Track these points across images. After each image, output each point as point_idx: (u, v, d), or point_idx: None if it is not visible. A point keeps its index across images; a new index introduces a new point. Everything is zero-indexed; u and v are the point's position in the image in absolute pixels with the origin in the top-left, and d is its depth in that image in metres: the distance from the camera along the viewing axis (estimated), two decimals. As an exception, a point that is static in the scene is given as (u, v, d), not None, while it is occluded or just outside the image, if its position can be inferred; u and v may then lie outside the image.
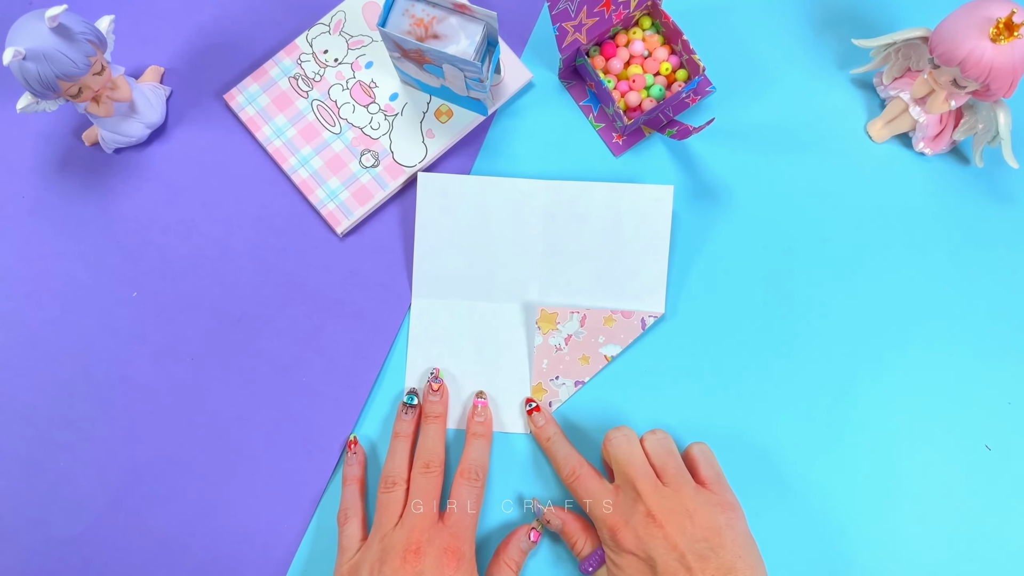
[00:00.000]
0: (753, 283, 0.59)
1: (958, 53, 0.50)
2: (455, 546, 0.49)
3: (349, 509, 0.54)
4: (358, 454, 0.56)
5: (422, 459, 0.53)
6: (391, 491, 0.52)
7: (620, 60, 0.61)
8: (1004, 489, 0.56)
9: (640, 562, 0.47)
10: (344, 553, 0.52)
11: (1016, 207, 0.61)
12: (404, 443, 0.54)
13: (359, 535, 0.53)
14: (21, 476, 0.57)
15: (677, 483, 0.49)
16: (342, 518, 0.53)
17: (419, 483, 0.52)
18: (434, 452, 0.53)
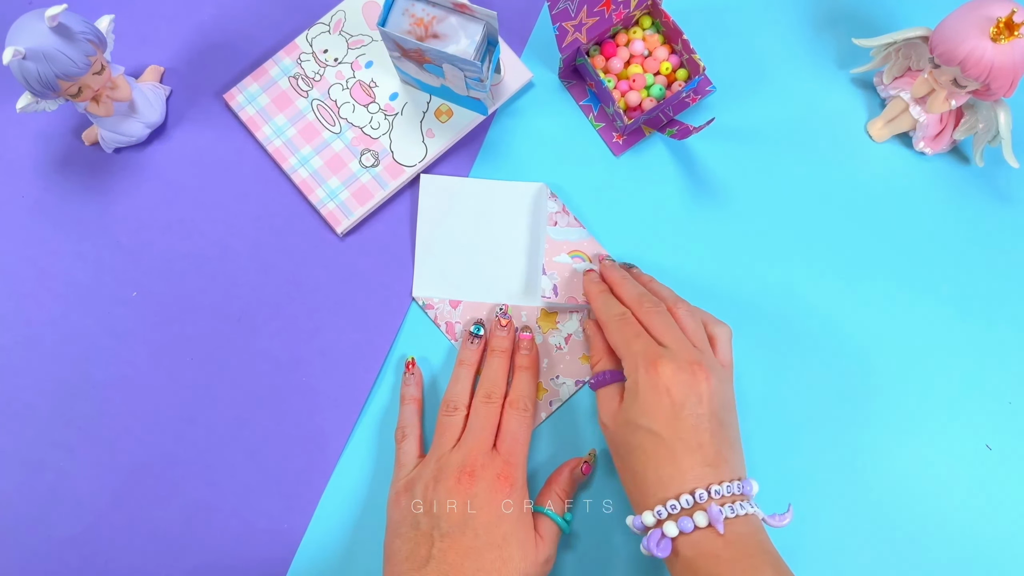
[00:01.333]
0: (753, 283, 0.59)
1: (958, 52, 0.50)
2: (508, 472, 0.50)
3: (407, 427, 0.55)
4: (415, 375, 0.57)
5: (484, 388, 0.54)
6: (452, 415, 0.53)
7: (620, 59, 0.61)
8: (1004, 489, 0.56)
9: (669, 402, 0.47)
10: (401, 468, 0.53)
11: (1016, 207, 0.60)
12: (468, 371, 0.56)
13: (416, 452, 0.54)
14: (21, 476, 0.57)
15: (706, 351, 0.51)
16: (399, 435, 0.55)
17: (480, 411, 0.53)
18: (496, 383, 0.54)
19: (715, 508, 0.44)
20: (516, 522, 0.49)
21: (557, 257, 0.58)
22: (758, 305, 0.59)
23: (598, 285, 0.56)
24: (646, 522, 0.46)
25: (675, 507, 0.45)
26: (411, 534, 0.49)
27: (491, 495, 0.49)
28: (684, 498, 0.45)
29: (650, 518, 0.46)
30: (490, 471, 0.50)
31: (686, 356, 0.48)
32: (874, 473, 0.56)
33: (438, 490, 0.49)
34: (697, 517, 0.44)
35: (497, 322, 0.57)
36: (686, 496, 0.45)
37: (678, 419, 0.47)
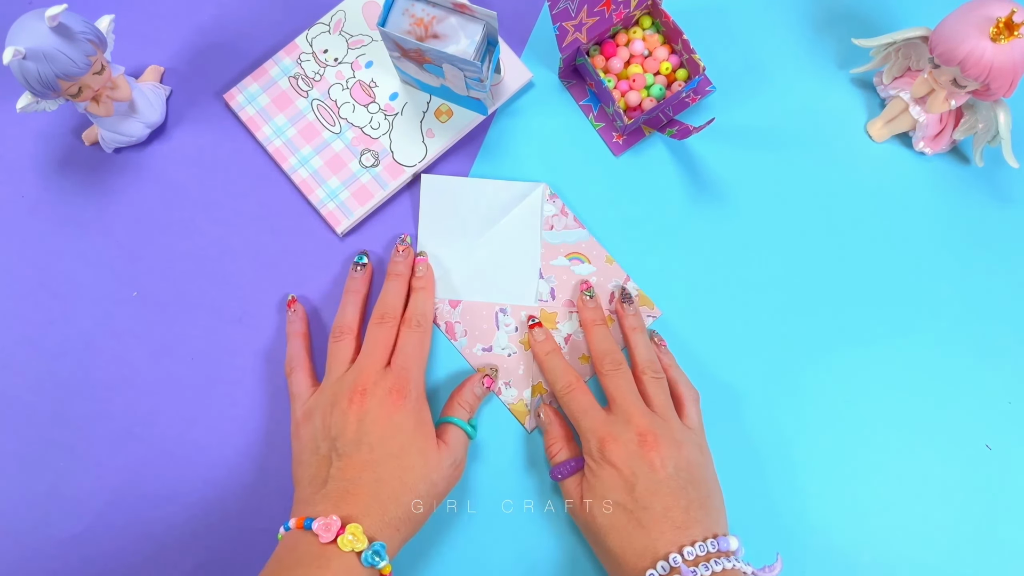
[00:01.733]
0: (753, 282, 0.59)
1: (958, 52, 0.50)
2: (399, 386, 0.51)
3: (294, 359, 0.56)
4: (297, 311, 0.58)
5: (378, 310, 0.55)
6: (340, 340, 0.55)
7: (620, 59, 0.61)
8: (1005, 488, 0.56)
9: (621, 478, 0.49)
10: (296, 400, 0.54)
11: (1016, 207, 0.61)
12: (354, 298, 0.57)
13: (308, 383, 0.55)
14: (21, 476, 0.57)
15: (666, 414, 0.52)
16: (288, 369, 0.56)
17: (372, 332, 0.54)
18: (391, 305, 0.55)
19: (686, 570, 0.45)
20: (413, 432, 0.50)
21: (554, 261, 0.58)
22: (758, 304, 0.59)
23: (546, 345, 0.56)
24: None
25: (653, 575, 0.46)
26: (312, 459, 0.50)
27: (384, 410, 0.50)
28: (660, 565, 0.46)
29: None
30: (381, 387, 0.51)
31: (635, 428, 0.50)
32: (874, 473, 0.56)
33: (334, 413, 0.50)
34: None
35: (396, 249, 0.58)
36: (661, 563, 0.46)
37: (635, 492, 0.48)
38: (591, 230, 0.60)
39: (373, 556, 0.45)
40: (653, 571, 0.46)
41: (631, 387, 0.52)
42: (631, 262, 0.60)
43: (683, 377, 0.55)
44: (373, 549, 0.45)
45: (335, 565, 0.45)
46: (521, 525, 0.55)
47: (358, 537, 0.45)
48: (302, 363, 0.56)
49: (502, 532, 0.55)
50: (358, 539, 0.45)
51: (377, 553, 0.45)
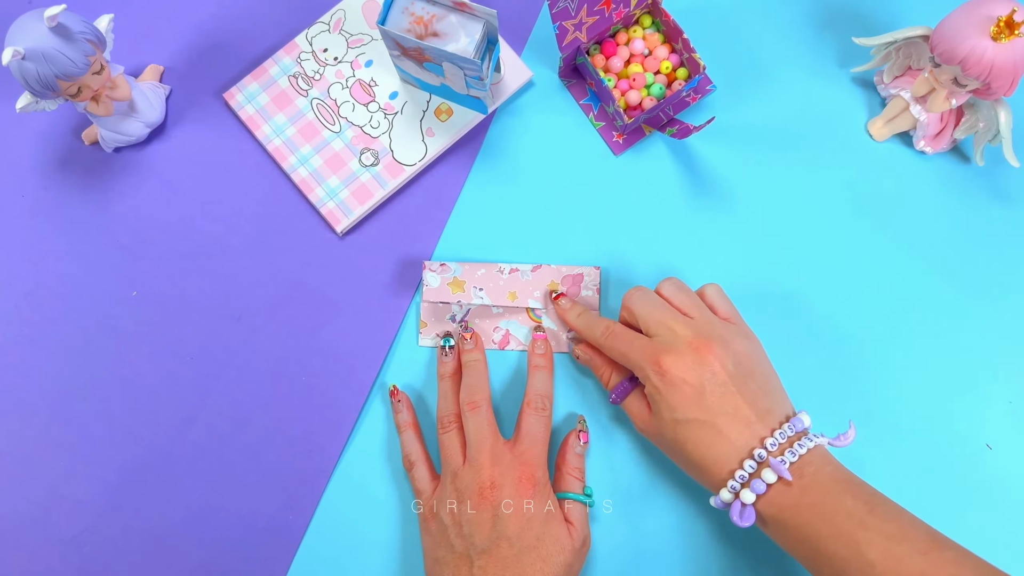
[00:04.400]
0: (753, 282, 0.59)
1: (959, 51, 0.50)
2: (528, 473, 0.50)
3: (411, 454, 0.55)
4: (403, 400, 0.57)
5: (464, 398, 0.54)
6: (447, 431, 0.54)
7: (620, 59, 0.61)
8: (1005, 488, 0.56)
9: (689, 389, 0.48)
10: (420, 495, 0.54)
11: (1016, 206, 0.60)
12: (449, 383, 0.56)
13: (429, 476, 0.54)
14: (21, 476, 0.57)
15: (702, 317, 0.51)
16: (407, 464, 0.55)
17: (468, 421, 0.53)
18: (476, 388, 0.54)
19: (775, 461, 0.45)
20: (546, 519, 0.49)
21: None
22: (758, 304, 0.59)
23: (574, 310, 0.56)
24: (724, 499, 0.47)
25: (743, 476, 0.46)
26: (449, 558, 0.49)
27: (518, 499, 0.49)
28: (747, 464, 0.46)
29: (727, 495, 0.46)
30: (510, 477, 0.50)
31: (684, 339, 0.49)
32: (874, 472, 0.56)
33: (463, 509, 0.50)
34: (766, 475, 0.45)
35: (462, 338, 0.57)
36: (748, 462, 0.46)
37: (704, 399, 0.47)
38: (591, 229, 0.60)
39: None
40: (742, 472, 0.46)
41: (662, 305, 0.52)
42: (631, 261, 0.59)
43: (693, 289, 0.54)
44: None
45: None
46: (521, 525, 0.55)
47: None
48: (420, 456, 0.55)
49: (502, 532, 0.55)
50: None
51: None
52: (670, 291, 0.53)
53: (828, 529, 0.43)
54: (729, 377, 0.48)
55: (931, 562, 0.41)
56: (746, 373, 0.48)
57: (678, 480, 0.55)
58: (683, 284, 0.53)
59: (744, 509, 0.46)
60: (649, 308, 0.51)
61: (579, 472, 0.54)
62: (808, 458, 0.46)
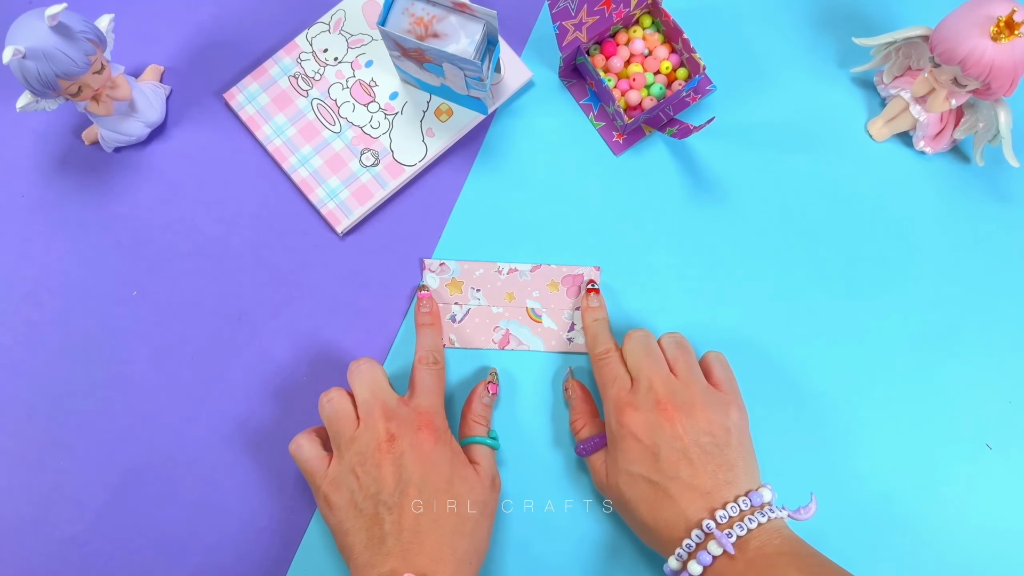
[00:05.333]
0: (753, 281, 0.59)
1: (959, 52, 0.50)
2: (427, 421, 0.50)
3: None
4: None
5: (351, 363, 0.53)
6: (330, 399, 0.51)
7: (620, 59, 0.61)
8: (1005, 488, 0.56)
9: (643, 448, 0.48)
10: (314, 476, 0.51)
11: (1016, 206, 0.61)
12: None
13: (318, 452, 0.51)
14: (21, 475, 0.57)
15: (688, 379, 0.50)
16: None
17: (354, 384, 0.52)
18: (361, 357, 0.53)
19: (720, 534, 0.44)
20: (452, 462, 0.49)
21: None
22: (758, 304, 0.59)
23: (598, 312, 0.56)
24: (672, 567, 0.47)
25: (690, 546, 0.45)
26: (359, 524, 0.47)
27: (417, 448, 0.48)
28: (695, 533, 0.45)
29: (675, 563, 0.46)
30: (408, 428, 0.49)
31: (655, 397, 0.49)
32: (874, 472, 0.56)
33: (366, 469, 0.48)
34: (712, 547, 0.45)
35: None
36: (696, 531, 0.45)
37: (658, 461, 0.47)
38: (592, 229, 0.60)
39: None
40: (689, 541, 0.45)
41: (653, 355, 0.51)
42: (631, 261, 0.59)
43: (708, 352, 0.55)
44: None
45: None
46: (521, 525, 0.55)
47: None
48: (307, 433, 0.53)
49: (502, 532, 0.55)
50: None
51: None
52: (667, 344, 0.53)
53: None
54: (690, 444, 0.47)
55: None
56: (712, 444, 0.48)
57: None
58: (684, 341, 0.53)
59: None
60: (639, 356, 0.52)
61: (484, 419, 0.54)
62: (756, 532, 0.45)
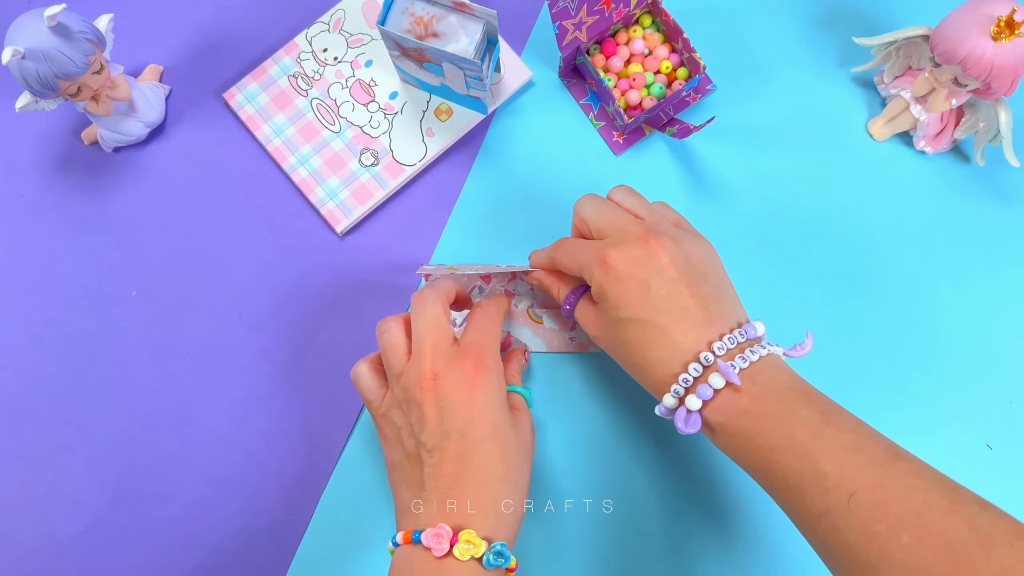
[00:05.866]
0: (753, 282, 0.59)
1: (959, 51, 0.50)
2: (476, 359, 0.46)
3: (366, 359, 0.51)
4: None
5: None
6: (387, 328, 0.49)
7: (620, 58, 0.61)
8: (1006, 488, 0.56)
9: (632, 285, 0.45)
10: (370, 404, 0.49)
11: (1017, 206, 0.60)
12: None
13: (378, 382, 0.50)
14: (21, 475, 0.57)
15: (654, 218, 0.48)
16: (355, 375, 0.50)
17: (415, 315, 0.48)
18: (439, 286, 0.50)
19: (723, 364, 0.42)
20: (499, 407, 0.46)
21: None
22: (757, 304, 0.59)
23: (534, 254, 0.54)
24: (668, 405, 0.44)
25: (687, 380, 0.43)
26: (403, 461, 0.46)
27: (461, 389, 0.45)
28: (692, 367, 0.43)
29: (671, 399, 0.44)
30: (454, 366, 0.46)
31: (631, 234, 0.46)
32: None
33: (411, 407, 0.46)
34: (713, 379, 0.42)
35: None
36: (693, 364, 0.43)
37: (649, 296, 0.44)
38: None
39: (496, 558, 0.41)
40: (686, 375, 0.43)
41: (612, 207, 0.49)
42: (631, 261, 0.59)
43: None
44: (494, 551, 0.42)
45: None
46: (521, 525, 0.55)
47: (474, 543, 0.41)
48: (367, 360, 0.50)
49: (502, 532, 0.55)
50: (475, 545, 0.41)
51: (500, 554, 0.42)
52: (620, 195, 0.50)
53: (780, 439, 0.40)
54: (679, 274, 0.45)
55: (888, 473, 0.38)
56: (698, 274, 0.45)
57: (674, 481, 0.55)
58: (633, 189, 0.51)
59: (689, 416, 0.43)
60: (598, 210, 0.49)
61: (518, 376, 0.53)
62: (760, 365, 0.43)
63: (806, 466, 0.40)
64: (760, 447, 0.41)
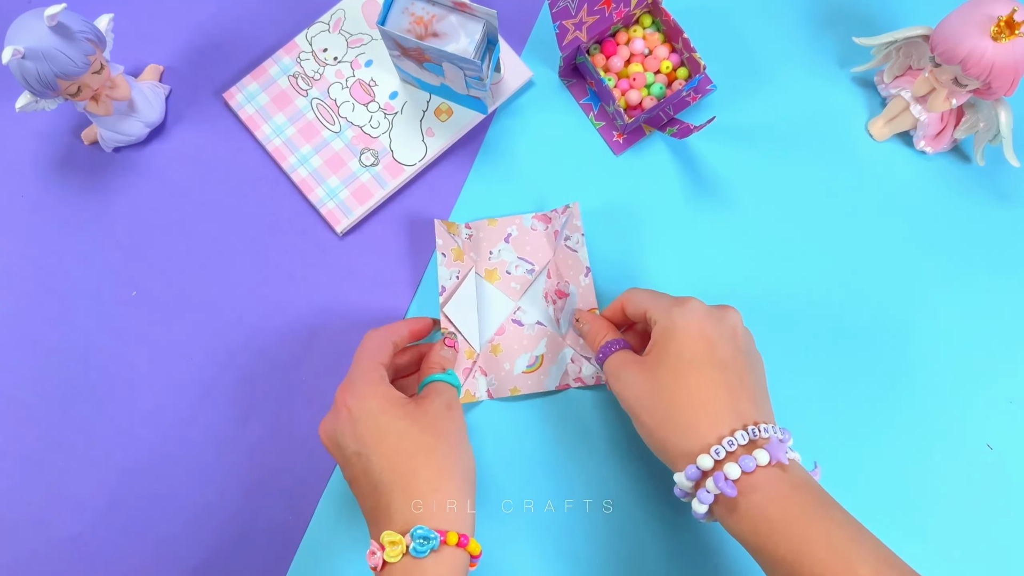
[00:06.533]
0: (753, 281, 0.59)
1: (959, 51, 0.50)
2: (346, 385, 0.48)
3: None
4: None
5: None
6: None
7: (620, 58, 0.61)
8: (1006, 488, 0.56)
9: (701, 335, 0.45)
10: None
11: (1017, 205, 0.60)
12: None
13: None
14: (21, 476, 0.57)
15: None
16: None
17: None
18: None
19: (775, 441, 0.40)
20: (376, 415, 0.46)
21: None
22: (758, 304, 0.59)
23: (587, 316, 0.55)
24: (703, 466, 0.41)
25: (732, 443, 0.40)
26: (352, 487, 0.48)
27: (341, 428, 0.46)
28: (739, 434, 0.41)
29: (707, 460, 0.41)
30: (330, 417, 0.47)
31: (706, 303, 0.47)
32: (874, 472, 0.56)
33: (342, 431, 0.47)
34: (758, 454, 0.40)
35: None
36: (740, 432, 0.41)
37: (717, 348, 0.44)
38: (591, 229, 0.60)
39: (422, 543, 0.41)
40: (731, 438, 0.41)
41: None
42: (631, 261, 0.59)
43: None
44: (415, 537, 0.42)
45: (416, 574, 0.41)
46: (521, 525, 0.55)
47: (394, 539, 0.42)
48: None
49: (502, 532, 0.55)
50: (396, 542, 0.42)
51: (424, 538, 0.41)
52: None
53: (817, 534, 0.39)
54: (744, 347, 0.45)
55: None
56: (754, 362, 0.46)
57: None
58: None
59: (727, 482, 0.40)
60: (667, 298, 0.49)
61: (439, 366, 0.52)
62: (797, 463, 0.42)
63: (841, 567, 0.39)
64: (792, 537, 0.39)
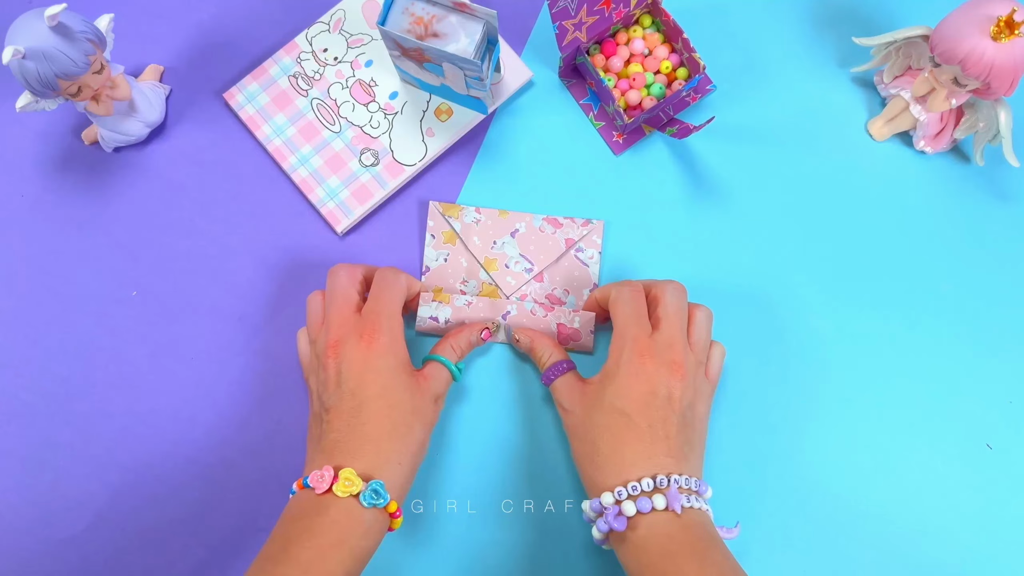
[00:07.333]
0: (753, 281, 0.59)
1: (959, 51, 0.50)
2: (371, 328, 0.50)
3: None
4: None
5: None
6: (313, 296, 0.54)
7: (620, 58, 0.61)
8: (1006, 488, 0.56)
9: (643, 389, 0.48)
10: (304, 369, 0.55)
11: (1016, 205, 0.60)
12: None
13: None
14: (21, 476, 0.57)
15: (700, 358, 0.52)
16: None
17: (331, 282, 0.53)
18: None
19: (674, 491, 0.46)
20: (391, 369, 0.50)
21: None
22: (757, 304, 0.59)
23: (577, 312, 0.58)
24: (604, 502, 0.47)
25: (636, 488, 0.46)
26: (312, 422, 0.51)
27: (357, 355, 0.49)
28: (646, 481, 0.46)
29: (609, 498, 0.47)
30: (353, 334, 0.50)
31: (672, 356, 0.49)
32: (874, 472, 0.56)
33: (319, 367, 0.51)
34: (656, 499, 0.46)
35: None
36: (647, 480, 0.46)
37: (649, 407, 0.48)
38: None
39: (372, 495, 0.45)
40: (637, 484, 0.46)
41: (683, 316, 0.51)
42: (631, 261, 0.60)
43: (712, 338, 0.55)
44: (371, 488, 0.45)
45: (333, 511, 0.45)
46: (521, 525, 0.55)
47: (352, 480, 0.45)
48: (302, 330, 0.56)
49: (502, 532, 0.55)
50: (352, 483, 0.45)
51: (375, 492, 0.45)
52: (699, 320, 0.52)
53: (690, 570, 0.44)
54: (679, 410, 0.49)
55: None
56: (691, 424, 0.50)
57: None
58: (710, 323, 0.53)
59: (619, 517, 0.46)
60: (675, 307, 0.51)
61: (460, 350, 0.55)
62: (698, 511, 0.47)
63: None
64: (667, 571, 0.45)
